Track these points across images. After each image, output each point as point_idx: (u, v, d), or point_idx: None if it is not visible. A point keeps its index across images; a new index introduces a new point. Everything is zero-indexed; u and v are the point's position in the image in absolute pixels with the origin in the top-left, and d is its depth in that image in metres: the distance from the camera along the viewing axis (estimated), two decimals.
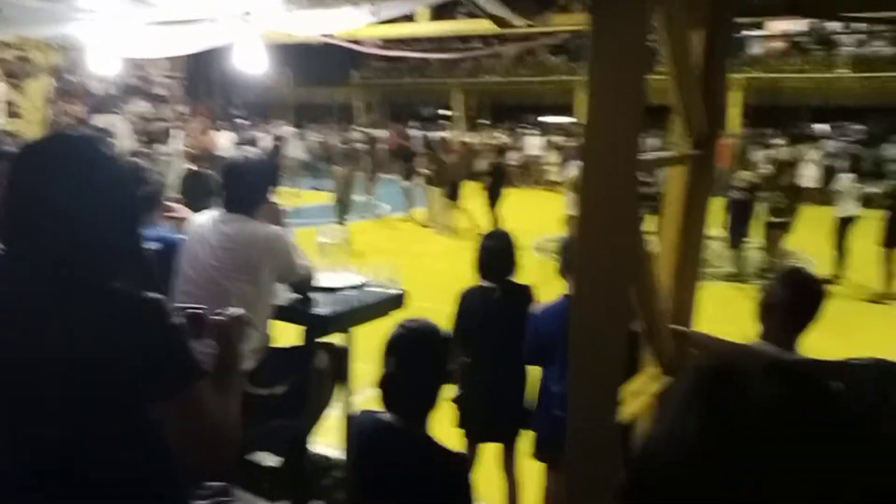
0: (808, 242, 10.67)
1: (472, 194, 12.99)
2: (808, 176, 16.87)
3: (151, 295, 1.38)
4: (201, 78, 27.96)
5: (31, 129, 7.47)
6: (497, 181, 12.42)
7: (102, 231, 1.39)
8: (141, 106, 23.37)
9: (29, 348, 1.30)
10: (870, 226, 9.03)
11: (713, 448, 0.68)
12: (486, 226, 11.77)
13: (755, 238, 9.90)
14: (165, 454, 1.38)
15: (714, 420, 0.69)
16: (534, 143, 20.70)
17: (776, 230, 9.33)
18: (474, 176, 14.67)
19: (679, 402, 0.74)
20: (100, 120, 19.56)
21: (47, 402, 1.30)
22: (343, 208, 12.60)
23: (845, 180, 9.57)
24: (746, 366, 0.74)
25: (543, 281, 3.70)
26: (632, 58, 1.78)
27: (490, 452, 3.61)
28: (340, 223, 11.62)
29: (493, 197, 12.28)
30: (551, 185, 18.64)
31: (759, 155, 17.64)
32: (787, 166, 10.03)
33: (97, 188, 1.38)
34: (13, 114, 8.53)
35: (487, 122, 23.57)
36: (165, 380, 1.35)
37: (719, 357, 0.78)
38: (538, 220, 11.65)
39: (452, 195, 12.64)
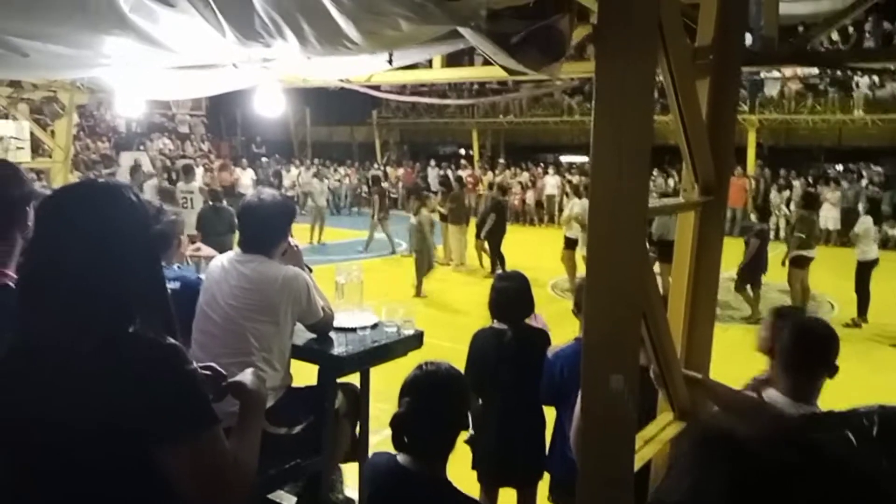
0: (830, 285, 10.58)
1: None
2: (828, 217, 16.82)
3: (168, 341, 1.41)
4: (223, 116, 28.57)
5: (57, 167, 7.67)
6: (499, 219, 12.31)
7: (125, 276, 1.42)
8: (164, 143, 23.94)
9: (42, 392, 1.33)
10: (890, 268, 8.96)
11: None
12: (490, 265, 11.79)
13: (773, 279, 9.84)
14: (174, 499, 1.39)
15: (720, 489, 0.71)
16: (551, 183, 20.79)
17: (796, 269, 9.27)
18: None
19: (687, 468, 0.77)
20: (125, 157, 20.02)
21: (57, 444, 1.33)
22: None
23: (866, 222, 9.50)
24: (751, 431, 0.77)
25: (560, 321, 3.69)
26: (636, 106, 1.82)
27: (510, 498, 3.57)
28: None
29: (496, 234, 12.19)
30: None
31: (776, 196, 17.67)
32: (807, 204, 9.91)
33: (120, 235, 1.42)
34: (40, 151, 8.76)
35: (502, 162, 23.75)
36: (177, 424, 1.36)
37: (724, 420, 0.82)
38: (556, 259, 11.63)
39: (479, 233, 12.61)
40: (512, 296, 3.51)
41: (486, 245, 12.38)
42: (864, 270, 9.25)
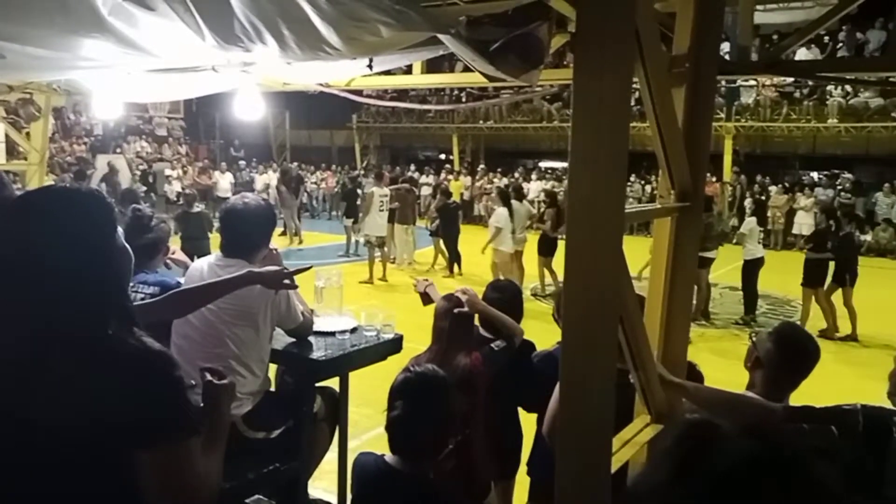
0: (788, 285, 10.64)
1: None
2: (802, 223, 17.08)
3: (157, 347, 1.41)
4: (202, 119, 28.34)
5: (32, 169, 7.58)
6: (444, 220, 12.53)
7: (105, 277, 1.41)
8: (141, 146, 23.70)
9: (18, 390, 1.32)
10: (864, 273, 9.12)
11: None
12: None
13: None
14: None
15: (682, 478, 0.73)
16: (535, 188, 20.77)
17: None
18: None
19: (657, 457, 0.79)
20: (102, 159, 19.78)
21: (31, 441, 1.32)
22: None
23: (751, 223, 9.78)
24: (725, 426, 0.79)
25: (540, 326, 3.70)
26: (613, 113, 1.85)
27: None
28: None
29: (448, 237, 12.41)
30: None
31: (749, 203, 17.88)
32: (706, 207, 10.06)
33: (84, 242, 1.40)
34: (15, 153, 8.65)
35: (483, 167, 23.84)
36: (160, 431, 1.36)
37: (700, 416, 0.84)
38: (533, 264, 11.63)
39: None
40: (500, 307, 3.48)
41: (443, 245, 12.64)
42: (751, 269, 9.49)
